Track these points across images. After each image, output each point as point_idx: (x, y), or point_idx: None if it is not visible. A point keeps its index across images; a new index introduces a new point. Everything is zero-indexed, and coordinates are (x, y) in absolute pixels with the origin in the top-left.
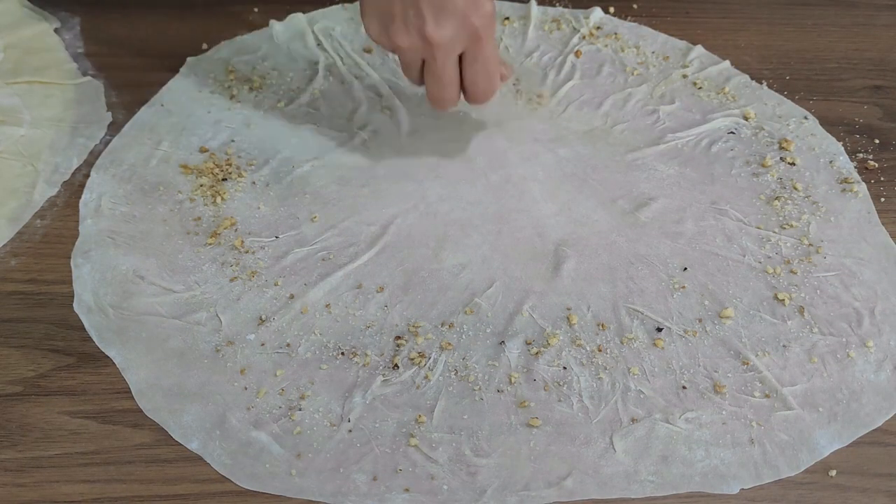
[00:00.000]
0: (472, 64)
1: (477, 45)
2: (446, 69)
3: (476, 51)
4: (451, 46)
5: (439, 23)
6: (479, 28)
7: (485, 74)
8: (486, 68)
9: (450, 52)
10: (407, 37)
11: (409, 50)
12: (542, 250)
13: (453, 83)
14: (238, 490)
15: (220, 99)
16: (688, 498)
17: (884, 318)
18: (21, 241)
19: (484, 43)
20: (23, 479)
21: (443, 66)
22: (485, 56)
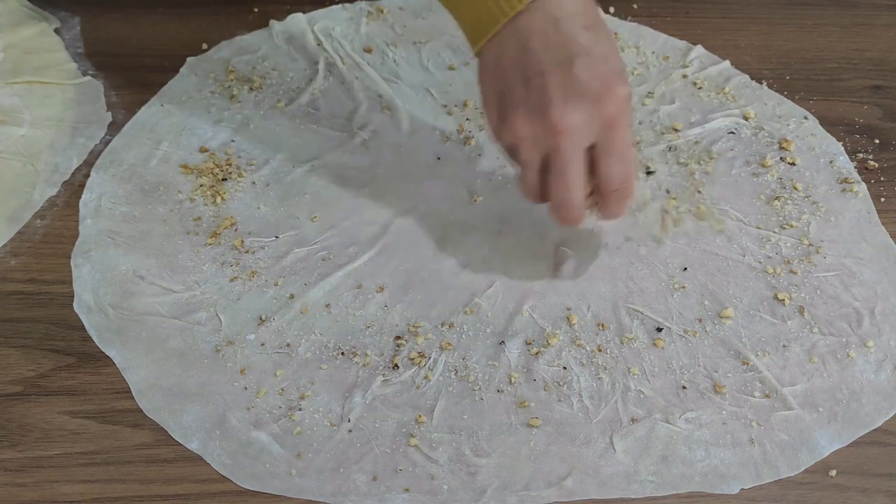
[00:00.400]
0: (606, 156)
1: (611, 134)
2: (572, 164)
3: (610, 140)
4: (579, 135)
5: (568, 106)
6: (614, 114)
7: (621, 168)
8: (623, 161)
9: (577, 142)
10: (528, 123)
11: (529, 140)
12: (542, 250)
13: (579, 184)
14: (238, 490)
15: (220, 99)
16: (688, 498)
17: (884, 318)
18: (21, 241)
19: (619, 131)
20: (23, 479)
21: (568, 159)
22: (620, 146)
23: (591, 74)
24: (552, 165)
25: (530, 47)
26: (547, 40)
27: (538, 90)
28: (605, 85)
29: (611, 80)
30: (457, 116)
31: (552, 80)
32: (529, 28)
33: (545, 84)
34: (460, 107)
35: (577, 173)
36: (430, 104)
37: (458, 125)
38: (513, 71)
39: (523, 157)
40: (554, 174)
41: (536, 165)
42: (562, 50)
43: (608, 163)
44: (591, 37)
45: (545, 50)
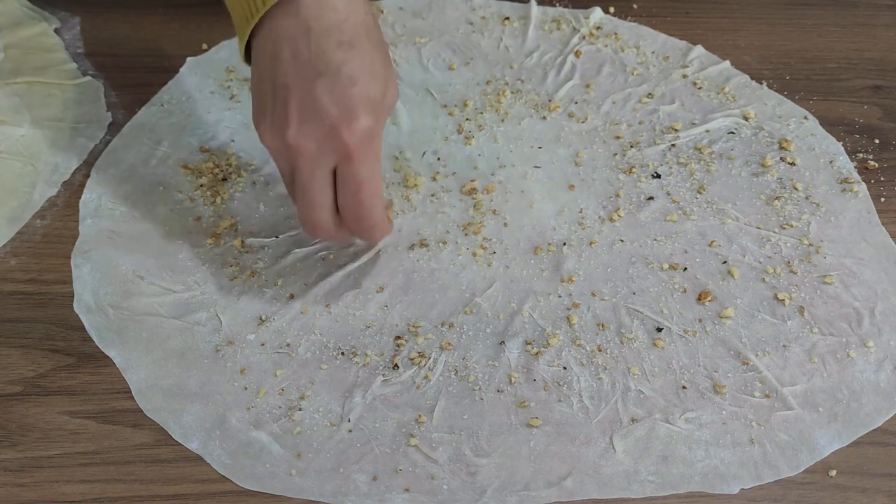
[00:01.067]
0: (342, 186)
1: (347, 166)
2: (312, 185)
3: (345, 172)
4: (317, 159)
5: (303, 128)
6: (350, 145)
7: (354, 202)
8: (358, 195)
9: (317, 164)
10: (271, 136)
11: (275, 153)
12: (542, 250)
13: (323, 205)
14: (238, 490)
15: (220, 99)
16: (688, 498)
17: (884, 318)
18: (21, 241)
19: (356, 164)
20: (23, 479)
21: (308, 180)
22: (357, 180)
23: (332, 99)
24: (295, 183)
25: (281, 56)
26: (297, 52)
27: (281, 105)
28: (345, 113)
29: (353, 108)
30: (457, 116)
31: (294, 96)
32: (282, 34)
33: (287, 100)
34: (460, 107)
35: (319, 194)
36: (430, 104)
37: (458, 125)
38: (265, 77)
39: (277, 165)
40: (297, 192)
41: (287, 177)
42: (308, 66)
43: (342, 194)
44: (345, 56)
45: (294, 62)
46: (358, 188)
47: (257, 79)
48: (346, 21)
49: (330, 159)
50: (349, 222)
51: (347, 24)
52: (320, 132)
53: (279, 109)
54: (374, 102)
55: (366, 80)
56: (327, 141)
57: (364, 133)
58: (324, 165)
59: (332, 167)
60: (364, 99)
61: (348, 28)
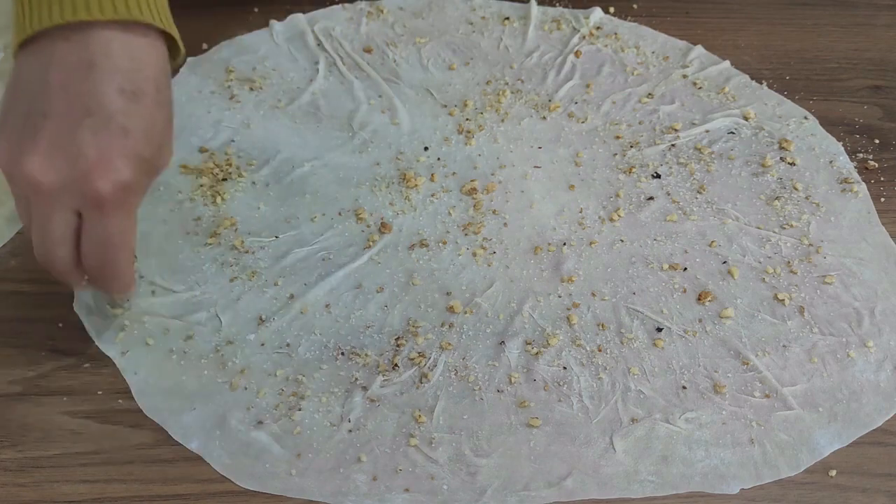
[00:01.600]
0: (86, 234)
1: (94, 215)
2: (51, 222)
3: (94, 221)
4: (58, 198)
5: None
6: (101, 196)
7: (98, 252)
8: (103, 247)
9: (56, 202)
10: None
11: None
12: (542, 250)
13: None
14: (238, 490)
15: (220, 99)
16: (688, 498)
17: (884, 318)
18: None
19: (106, 215)
20: (23, 479)
21: (46, 216)
22: (105, 232)
23: (95, 142)
24: (32, 215)
25: (49, 80)
26: (70, 83)
27: (31, 129)
28: (102, 161)
29: (113, 159)
30: (457, 116)
31: (50, 127)
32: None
33: (40, 127)
34: (460, 107)
35: (57, 231)
36: (430, 104)
37: (458, 125)
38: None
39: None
40: (33, 224)
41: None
42: (78, 102)
43: (84, 242)
44: (124, 105)
45: (62, 92)
46: (105, 240)
47: (11, 89)
48: (135, 70)
49: (74, 201)
50: (89, 270)
51: (136, 73)
52: (69, 172)
53: (27, 133)
54: (141, 160)
55: (139, 136)
56: (76, 183)
57: (121, 186)
58: (66, 206)
59: (76, 209)
60: (131, 153)
61: (136, 78)
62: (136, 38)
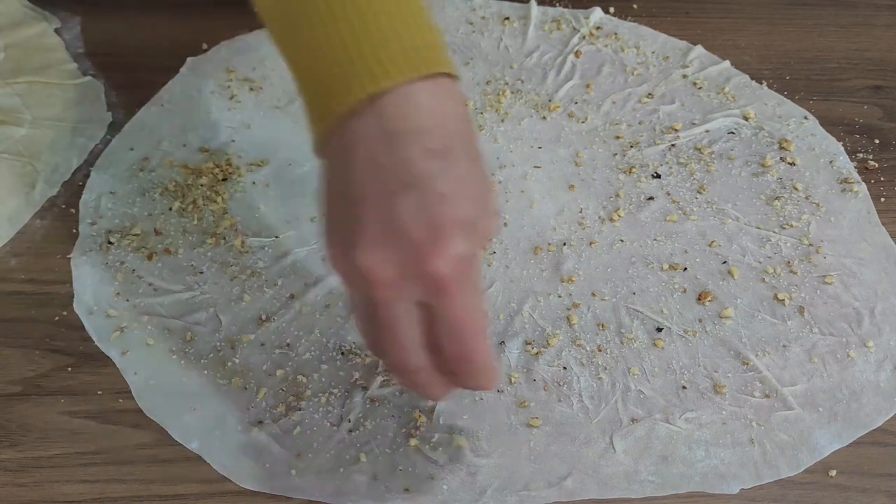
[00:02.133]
0: (437, 322)
1: (440, 299)
2: (396, 323)
3: (440, 307)
4: (398, 290)
5: (379, 250)
6: (441, 275)
7: (453, 341)
8: (454, 331)
9: (397, 296)
10: (341, 258)
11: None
12: (542, 250)
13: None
14: (238, 490)
15: (220, 99)
16: (688, 498)
17: (884, 318)
18: (21, 241)
19: (450, 297)
20: (23, 479)
21: (388, 315)
22: (452, 317)
23: (417, 217)
24: (374, 317)
25: (355, 163)
26: (374, 158)
27: (352, 220)
28: (434, 236)
29: (444, 229)
30: None
31: (369, 211)
32: (358, 137)
33: (361, 215)
34: None
35: (404, 333)
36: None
37: None
38: (336, 188)
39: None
40: (379, 331)
41: (361, 311)
42: (388, 176)
43: (439, 332)
44: (434, 167)
45: (370, 170)
46: (458, 327)
47: (328, 190)
48: (436, 127)
49: (415, 291)
50: (450, 365)
51: (438, 129)
52: (402, 256)
53: (349, 226)
54: (469, 224)
55: (459, 199)
56: (411, 268)
57: (458, 260)
58: (408, 298)
59: (418, 300)
60: (456, 220)
61: (439, 134)
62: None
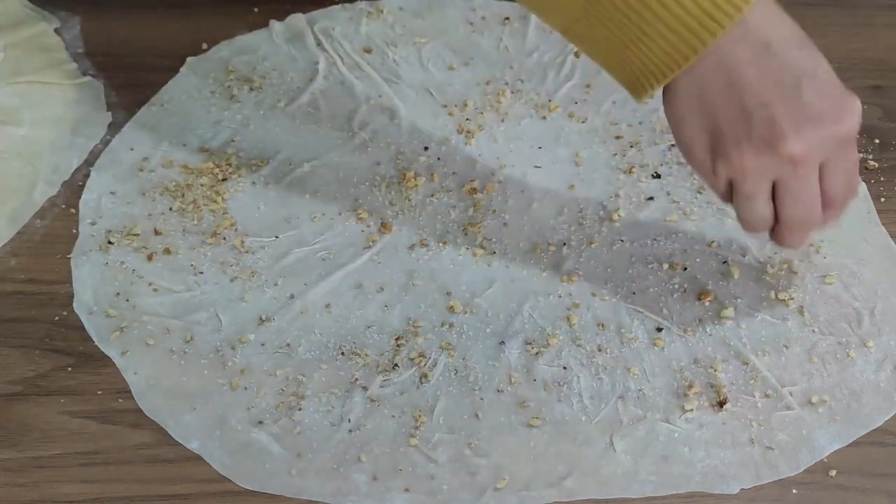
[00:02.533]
0: (834, 174)
1: (843, 151)
2: (808, 187)
3: (839, 158)
4: (815, 159)
5: (803, 134)
6: (849, 131)
7: (846, 185)
8: (849, 177)
9: (814, 165)
10: (755, 157)
11: (755, 173)
12: (542, 250)
13: (817, 203)
14: (238, 490)
15: (220, 99)
16: (688, 498)
17: (884, 318)
18: (21, 241)
19: (852, 146)
20: (23, 479)
21: (804, 183)
22: (849, 164)
23: (822, 96)
24: (788, 191)
25: (743, 79)
26: (762, 68)
27: (765, 123)
28: (840, 104)
29: (843, 97)
30: (457, 116)
31: (779, 110)
32: (737, 58)
33: (772, 116)
34: (460, 107)
35: (814, 193)
36: (430, 104)
37: (458, 125)
38: (725, 106)
39: (747, 188)
40: (791, 198)
41: (765, 195)
42: (783, 76)
43: (833, 182)
44: (813, 59)
45: (763, 79)
46: (850, 170)
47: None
48: (793, 29)
49: (825, 153)
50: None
51: (794, 31)
52: (820, 131)
53: (762, 129)
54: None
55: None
56: (827, 136)
57: (859, 114)
58: (818, 162)
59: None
60: (843, 86)
61: (798, 34)
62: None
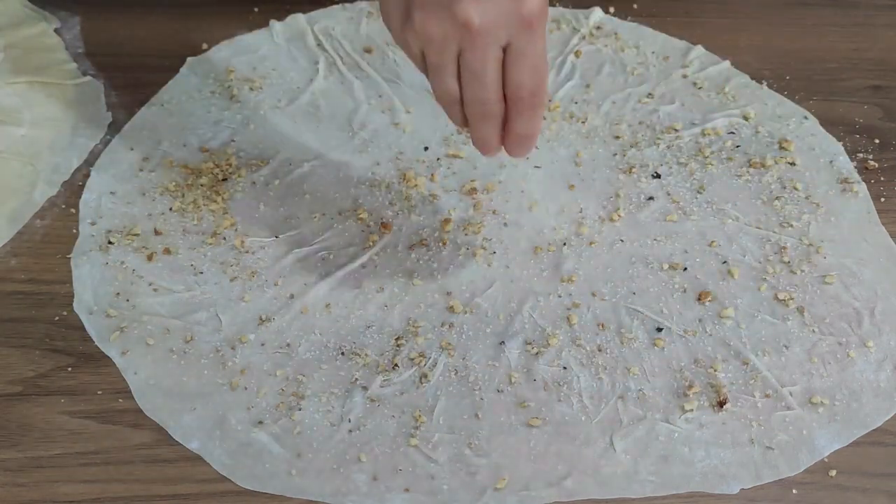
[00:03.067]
0: (519, 59)
1: (525, 36)
2: (487, 62)
3: (524, 42)
4: (494, 33)
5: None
6: (532, 12)
7: (532, 73)
8: (536, 66)
9: (492, 40)
10: (437, 22)
11: (440, 41)
12: (542, 250)
13: (495, 83)
14: (238, 490)
15: (220, 99)
16: (688, 498)
17: (884, 318)
18: (21, 241)
19: (536, 33)
20: (23, 479)
21: (483, 57)
22: (535, 51)
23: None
24: (465, 65)
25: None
26: None
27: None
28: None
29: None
30: None
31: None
32: None
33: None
34: None
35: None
36: (430, 104)
37: None
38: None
39: (432, 59)
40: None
41: (452, 68)
42: None
43: (519, 68)
44: None
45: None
46: (538, 61)
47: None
48: None
49: (506, 33)
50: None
51: None
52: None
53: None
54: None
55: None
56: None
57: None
58: (500, 40)
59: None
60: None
61: None
62: None
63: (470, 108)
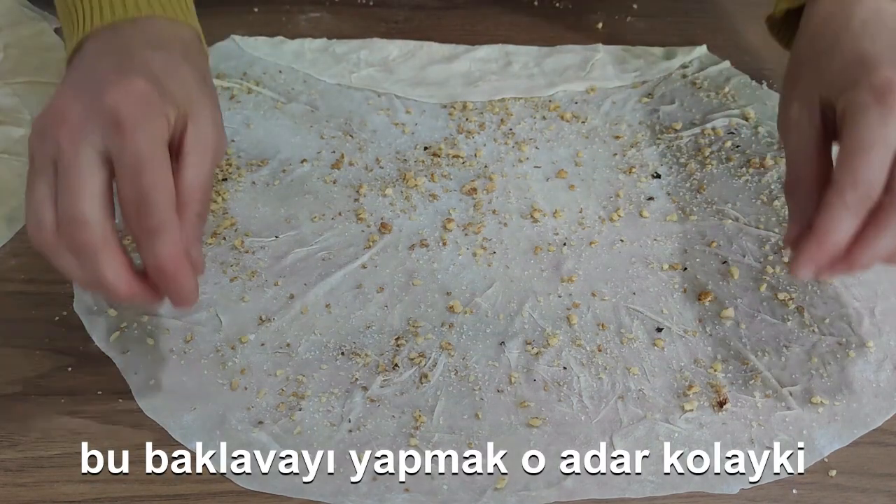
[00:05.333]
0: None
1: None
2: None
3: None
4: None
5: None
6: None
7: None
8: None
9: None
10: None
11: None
12: (542, 250)
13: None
14: (238, 490)
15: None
16: (688, 498)
17: (884, 318)
18: (21, 241)
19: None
20: (23, 479)
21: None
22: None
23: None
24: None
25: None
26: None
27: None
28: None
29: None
30: (457, 116)
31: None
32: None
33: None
34: (460, 107)
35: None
36: (430, 104)
37: (458, 125)
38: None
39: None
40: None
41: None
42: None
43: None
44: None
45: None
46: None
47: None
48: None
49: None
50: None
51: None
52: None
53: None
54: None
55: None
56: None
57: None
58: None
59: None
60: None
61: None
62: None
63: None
